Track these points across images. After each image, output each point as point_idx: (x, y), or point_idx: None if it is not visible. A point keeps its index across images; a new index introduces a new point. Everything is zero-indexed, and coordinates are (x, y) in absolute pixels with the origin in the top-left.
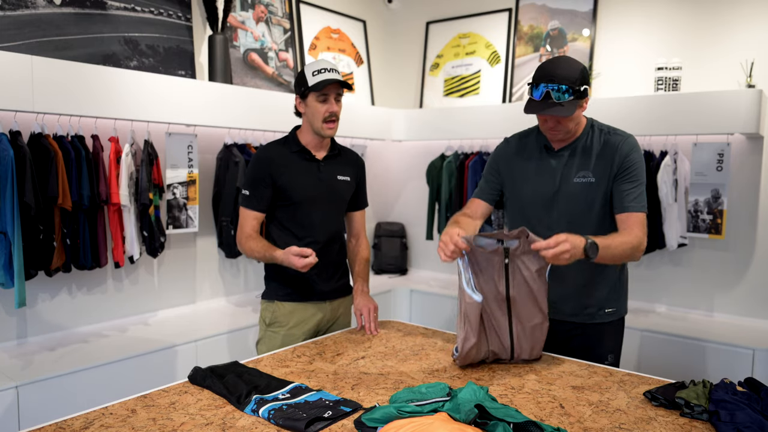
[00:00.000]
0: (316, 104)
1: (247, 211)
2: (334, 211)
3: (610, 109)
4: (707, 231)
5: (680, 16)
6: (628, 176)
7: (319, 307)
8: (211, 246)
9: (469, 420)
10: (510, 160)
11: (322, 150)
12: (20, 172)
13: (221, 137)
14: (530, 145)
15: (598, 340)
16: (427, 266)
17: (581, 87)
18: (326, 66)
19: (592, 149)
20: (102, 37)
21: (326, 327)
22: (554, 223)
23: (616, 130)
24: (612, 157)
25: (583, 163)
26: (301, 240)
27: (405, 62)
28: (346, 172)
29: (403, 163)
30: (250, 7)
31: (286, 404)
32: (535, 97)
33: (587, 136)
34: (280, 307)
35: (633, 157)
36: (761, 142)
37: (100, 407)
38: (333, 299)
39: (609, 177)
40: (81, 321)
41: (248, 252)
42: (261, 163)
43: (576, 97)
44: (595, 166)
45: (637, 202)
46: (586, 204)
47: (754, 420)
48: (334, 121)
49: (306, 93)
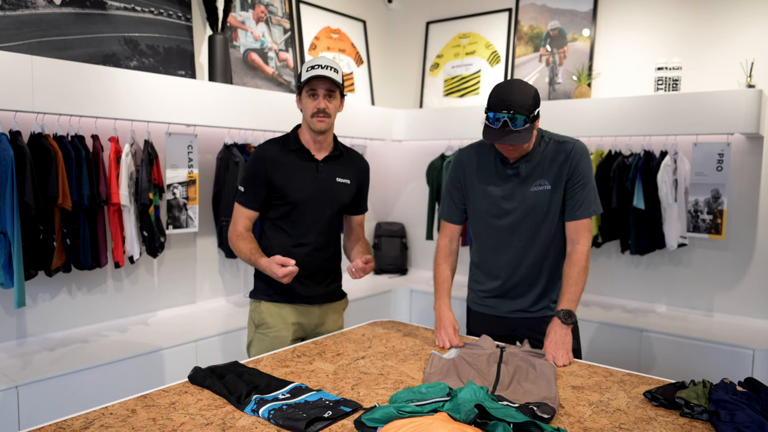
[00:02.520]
0: (307, 100)
1: (241, 208)
2: (329, 213)
3: (610, 109)
4: (707, 231)
5: (680, 16)
6: (578, 183)
7: (305, 311)
8: (211, 246)
9: (469, 420)
10: (469, 172)
11: (324, 150)
12: (20, 172)
13: (221, 137)
14: (486, 156)
15: None
16: (427, 266)
17: (535, 112)
18: (321, 62)
19: (545, 158)
20: (102, 37)
21: (313, 331)
22: (513, 231)
23: (565, 137)
24: (565, 162)
25: (539, 172)
26: (294, 240)
27: (405, 62)
28: (346, 174)
29: (403, 163)
30: (250, 7)
31: (286, 404)
32: (493, 125)
33: (539, 147)
34: (267, 308)
35: (583, 163)
36: (761, 142)
37: (100, 407)
38: (321, 304)
39: (563, 181)
40: (81, 321)
41: (236, 251)
42: (258, 160)
43: (531, 122)
44: (549, 173)
45: (584, 209)
46: (543, 211)
47: (754, 420)
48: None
49: (300, 89)
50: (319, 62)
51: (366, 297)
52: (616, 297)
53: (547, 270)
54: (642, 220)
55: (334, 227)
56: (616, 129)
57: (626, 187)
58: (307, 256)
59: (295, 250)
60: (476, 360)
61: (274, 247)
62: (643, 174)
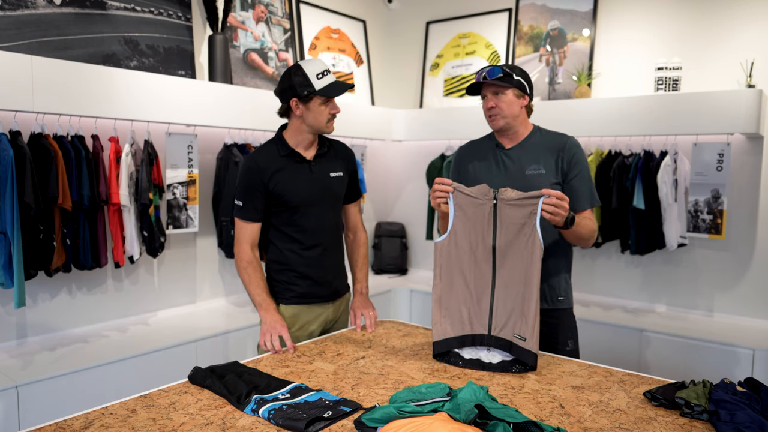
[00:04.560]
0: (320, 107)
1: (244, 223)
2: (331, 210)
3: (610, 109)
4: (707, 231)
5: (680, 16)
6: (578, 174)
7: (323, 309)
8: (211, 246)
9: (469, 420)
10: (468, 161)
11: (311, 149)
12: (20, 172)
13: (221, 137)
14: (484, 146)
15: (557, 325)
16: (427, 266)
17: (516, 77)
18: (327, 68)
19: (540, 146)
20: (102, 37)
21: (330, 327)
22: None
23: (560, 133)
24: (559, 153)
25: (533, 157)
26: (304, 244)
27: (405, 62)
28: (337, 167)
29: (403, 163)
30: (250, 7)
31: (286, 404)
32: (477, 80)
33: (534, 137)
34: (284, 311)
35: (579, 155)
36: (761, 142)
37: (100, 407)
38: (335, 299)
39: (557, 170)
40: (81, 321)
41: (242, 277)
42: (252, 171)
43: (507, 78)
44: (544, 159)
45: (588, 200)
46: None
47: (754, 420)
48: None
49: (311, 96)
50: (326, 67)
51: None
52: (616, 297)
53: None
54: (642, 220)
55: (336, 222)
56: (616, 129)
57: (626, 187)
58: (320, 256)
59: (306, 252)
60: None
61: (286, 255)
62: (643, 174)
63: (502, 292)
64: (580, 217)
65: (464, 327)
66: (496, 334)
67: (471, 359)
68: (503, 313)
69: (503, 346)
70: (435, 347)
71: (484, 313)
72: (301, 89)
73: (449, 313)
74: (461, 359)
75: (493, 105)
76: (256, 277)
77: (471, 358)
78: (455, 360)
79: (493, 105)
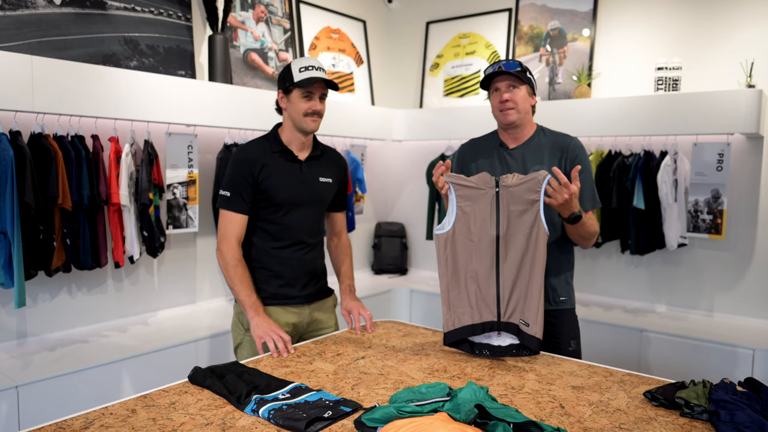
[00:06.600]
0: (299, 101)
1: (230, 213)
2: (314, 214)
3: (610, 109)
4: (707, 231)
5: (680, 16)
6: (581, 176)
7: (297, 311)
8: (211, 246)
9: (469, 420)
10: (471, 159)
11: (305, 150)
12: (20, 172)
13: (221, 137)
14: (488, 145)
15: (559, 325)
16: (427, 266)
17: (527, 73)
18: (314, 63)
19: (543, 146)
20: (102, 37)
21: (305, 331)
22: None
23: (563, 133)
24: (563, 153)
25: (537, 157)
26: (282, 242)
27: (405, 62)
28: (328, 173)
29: (403, 163)
30: (250, 7)
31: (286, 404)
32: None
33: (538, 137)
34: None
35: (582, 156)
36: (761, 142)
37: (100, 407)
38: (311, 302)
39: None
40: (81, 321)
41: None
42: (242, 162)
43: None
44: (548, 159)
45: (590, 201)
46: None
47: (754, 420)
48: (317, 117)
49: (290, 88)
50: (312, 63)
51: (366, 297)
52: (616, 297)
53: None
54: (642, 220)
55: (320, 226)
56: (616, 129)
57: (626, 187)
58: (295, 255)
59: (281, 252)
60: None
61: (260, 253)
62: (643, 174)
63: (508, 280)
64: (586, 217)
65: (473, 316)
66: (505, 320)
67: (481, 343)
68: (510, 300)
69: (512, 330)
70: (446, 337)
71: (491, 301)
72: (283, 82)
73: (458, 303)
74: (472, 344)
75: (508, 98)
76: (245, 277)
77: (481, 342)
78: (465, 346)
79: (508, 98)
